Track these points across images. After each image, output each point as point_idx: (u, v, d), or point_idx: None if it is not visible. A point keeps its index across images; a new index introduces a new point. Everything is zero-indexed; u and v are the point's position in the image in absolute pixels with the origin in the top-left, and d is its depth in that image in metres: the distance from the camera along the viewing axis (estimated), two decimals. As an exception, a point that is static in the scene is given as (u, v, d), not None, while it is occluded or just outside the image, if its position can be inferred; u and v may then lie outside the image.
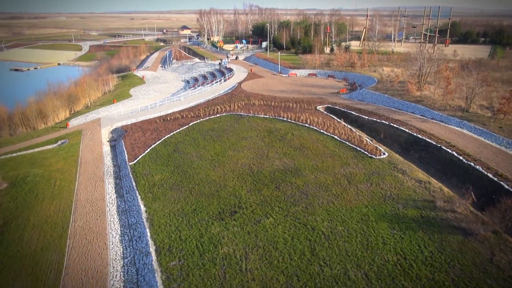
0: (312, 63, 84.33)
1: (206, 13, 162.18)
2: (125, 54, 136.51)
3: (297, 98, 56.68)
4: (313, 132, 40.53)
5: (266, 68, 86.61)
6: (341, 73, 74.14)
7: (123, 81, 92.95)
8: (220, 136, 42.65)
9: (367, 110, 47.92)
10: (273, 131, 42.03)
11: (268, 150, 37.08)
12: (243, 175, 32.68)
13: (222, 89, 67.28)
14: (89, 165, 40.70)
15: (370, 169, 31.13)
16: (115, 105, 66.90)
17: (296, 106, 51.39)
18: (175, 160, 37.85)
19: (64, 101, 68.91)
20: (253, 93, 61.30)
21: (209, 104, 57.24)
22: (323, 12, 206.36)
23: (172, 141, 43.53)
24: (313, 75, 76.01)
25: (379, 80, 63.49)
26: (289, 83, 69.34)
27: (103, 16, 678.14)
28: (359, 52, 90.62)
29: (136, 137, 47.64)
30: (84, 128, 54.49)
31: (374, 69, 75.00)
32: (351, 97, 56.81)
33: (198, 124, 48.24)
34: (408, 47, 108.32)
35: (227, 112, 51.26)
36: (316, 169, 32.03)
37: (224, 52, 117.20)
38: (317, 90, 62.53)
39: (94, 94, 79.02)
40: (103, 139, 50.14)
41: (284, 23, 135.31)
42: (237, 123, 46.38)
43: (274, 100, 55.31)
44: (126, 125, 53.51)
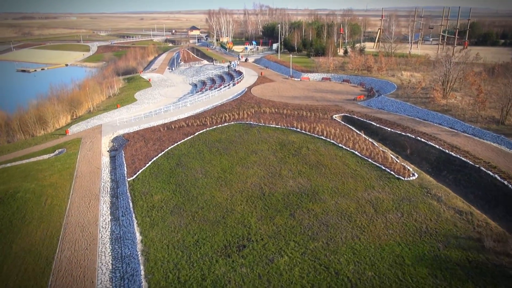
0: (326, 66, 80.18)
1: (215, 13, 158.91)
2: (133, 55, 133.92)
3: (311, 105, 52.69)
4: (331, 146, 36.54)
5: (277, 72, 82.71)
6: (357, 78, 69.88)
7: (129, 84, 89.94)
8: (227, 149, 38.92)
9: (389, 120, 43.72)
10: (286, 144, 38.15)
11: (280, 167, 33.22)
12: (252, 197, 28.88)
13: (231, 94, 63.60)
14: (85, 179, 37.34)
15: (399, 194, 27.06)
16: (118, 110, 63.76)
17: (310, 114, 47.41)
18: (178, 177, 34.23)
19: (65, 106, 65.96)
20: (264, 99, 57.47)
21: (216, 111, 53.59)
22: (334, 12, 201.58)
23: (175, 153, 39.95)
24: (327, 80, 71.91)
25: (399, 86, 59.12)
26: (302, 88, 65.35)
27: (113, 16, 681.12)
28: (375, 55, 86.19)
29: (138, 147, 44.21)
30: (84, 135, 51.30)
31: (392, 73, 70.58)
32: (369, 104, 52.62)
33: (204, 134, 44.61)
34: (426, 49, 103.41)
35: (236, 121, 47.52)
36: (336, 193, 28.07)
37: (234, 54, 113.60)
38: (332, 97, 58.44)
39: (98, 97, 76.09)
40: (103, 148, 46.84)
41: (295, 24, 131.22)
42: (246, 134, 42.61)
43: (286, 108, 51.41)
44: (128, 133, 50.19)
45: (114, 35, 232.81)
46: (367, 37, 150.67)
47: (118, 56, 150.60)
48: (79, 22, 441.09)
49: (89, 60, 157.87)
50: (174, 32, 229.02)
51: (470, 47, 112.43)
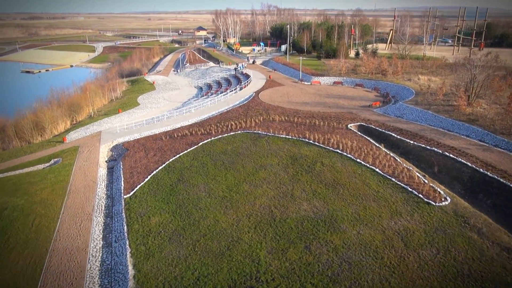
0: (337, 69, 76.48)
1: (222, 13, 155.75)
2: (138, 57, 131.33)
3: (324, 112, 49.10)
4: (348, 162, 32.96)
5: (286, 75, 79.17)
6: (371, 82, 66.09)
7: (132, 87, 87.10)
8: (233, 163, 35.54)
9: (410, 131, 39.98)
10: (298, 158, 34.65)
11: (293, 186, 29.74)
12: (261, 223, 25.45)
13: (238, 99, 60.25)
14: (78, 195, 34.25)
15: (431, 223, 23.44)
16: (120, 115, 60.80)
17: (323, 123, 43.84)
18: (179, 195, 30.93)
19: (65, 110, 63.19)
20: (273, 105, 54.00)
21: (222, 118, 50.25)
22: (344, 12, 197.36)
23: (177, 167, 36.67)
24: (339, 84, 68.21)
25: (417, 92, 55.26)
26: (313, 93, 61.76)
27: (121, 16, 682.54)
28: (389, 57, 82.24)
29: (137, 158, 41.04)
30: (82, 143, 48.32)
31: (408, 77, 66.69)
32: (386, 112, 48.89)
33: (208, 144, 41.29)
34: (441, 51, 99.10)
35: (243, 130, 44.14)
36: (358, 220, 24.52)
37: (241, 55, 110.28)
38: (345, 103, 54.78)
39: (99, 101, 73.31)
40: (101, 159, 43.73)
41: (304, 25, 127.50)
42: (254, 145, 39.19)
43: (297, 115, 47.90)
44: (128, 141, 47.10)
45: (120, 35, 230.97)
46: (377, 38, 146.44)
47: (123, 57, 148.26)
48: (86, 22, 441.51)
49: (95, 61, 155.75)
50: (180, 33, 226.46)
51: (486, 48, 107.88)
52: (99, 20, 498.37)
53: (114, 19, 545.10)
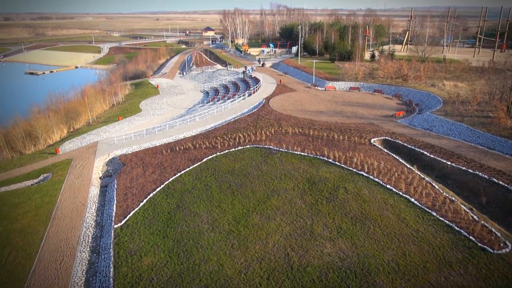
0: (353, 73, 71.35)
1: (230, 13, 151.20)
2: (143, 58, 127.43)
3: (342, 123, 44.13)
4: (376, 188, 28.03)
5: (298, 79, 74.25)
6: (391, 88, 60.89)
7: (135, 91, 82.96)
8: (241, 185, 30.83)
9: (444, 148, 34.84)
10: (317, 181, 29.80)
11: (312, 220, 24.91)
12: (276, 271, 20.69)
13: (246, 107, 55.54)
14: (64, 221, 29.86)
15: (493, 281, 18.45)
16: (120, 123, 56.55)
17: (343, 137, 38.89)
18: (177, 226, 26.31)
19: (62, 117, 59.12)
20: (285, 114, 49.16)
21: (229, 129, 45.60)
22: (355, 12, 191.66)
23: (177, 188, 32.09)
24: (355, 89, 63.09)
25: (445, 100, 49.98)
26: (328, 100, 56.78)
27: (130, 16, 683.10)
28: (408, 60, 76.92)
29: (134, 175, 36.57)
30: (76, 156, 44.07)
31: (431, 82, 61.35)
32: (412, 123, 43.76)
33: (213, 161, 36.65)
34: (460, 53, 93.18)
35: (252, 144, 39.39)
36: (397, 272, 19.62)
37: (250, 57, 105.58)
38: (365, 112, 49.74)
39: (100, 107, 69.23)
40: (94, 175, 39.36)
41: (316, 25, 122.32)
42: (265, 163, 34.43)
43: (312, 127, 43.01)
44: (126, 155, 42.71)
45: (127, 36, 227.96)
46: (391, 38, 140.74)
47: (129, 58, 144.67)
48: (94, 22, 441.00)
49: (100, 62, 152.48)
50: (188, 33, 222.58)
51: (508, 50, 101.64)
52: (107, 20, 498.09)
53: (122, 19, 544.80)
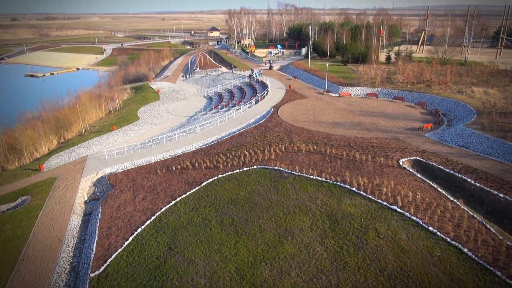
0: (368, 77, 65.57)
1: (236, 13, 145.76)
2: (145, 60, 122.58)
3: (363, 138, 38.48)
4: (415, 230, 22.41)
5: (309, 83, 68.61)
6: (412, 94, 55.03)
7: (135, 95, 78.01)
8: (247, 221, 25.42)
9: (489, 173, 29.07)
10: (339, 219, 24.27)
11: (338, 278, 19.40)
12: None
13: (252, 117, 50.13)
14: (34, 264, 24.72)
15: None
16: (114, 133, 51.58)
17: (366, 157, 33.27)
18: (166, 281, 20.96)
19: (51, 127, 54.23)
20: (296, 126, 43.62)
21: (233, 144, 40.20)
22: (366, 11, 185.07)
23: (170, 222, 26.79)
24: (373, 96, 57.30)
25: (478, 110, 44.08)
26: (344, 108, 51.11)
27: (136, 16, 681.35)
28: (429, 62, 70.97)
29: (122, 202, 31.38)
30: (61, 174, 39.08)
31: (457, 88, 55.37)
32: (443, 138, 37.98)
33: (214, 185, 31.30)
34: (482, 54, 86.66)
35: (259, 164, 33.95)
36: None
37: (256, 59, 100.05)
38: (386, 123, 44.03)
39: (95, 114, 64.29)
40: (78, 199, 34.22)
41: (326, 25, 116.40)
42: (275, 190, 28.98)
43: (328, 143, 37.44)
44: (116, 173, 37.61)
45: (131, 36, 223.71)
46: (403, 39, 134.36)
47: (132, 59, 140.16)
48: (100, 22, 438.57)
49: (102, 64, 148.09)
50: (193, 34, 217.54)
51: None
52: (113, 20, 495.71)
53: (128, 19, 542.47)
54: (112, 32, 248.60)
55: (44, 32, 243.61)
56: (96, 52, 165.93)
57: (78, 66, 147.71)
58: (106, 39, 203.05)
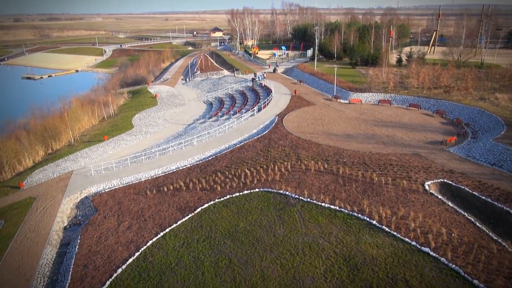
0: (379, 81, 61.06)
1: (239, 13, 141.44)
2: (145, 62, 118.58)
3: (379, 155, 34.02)
4: (456, 282, 17.97)
5: (315, 88, 64.15)
6: (429, 101, 50.47)
7: (131, 100, 73.98)
8: (247, 264, 21.10)
9: (535, 201, 24.54)
10: (359, 264, 19.88)
11: None
12: None
13: (255, 127, 45.80)
14: (-10, 315, 20.57)
15: None
16: (104, 144, 47.55)
17: (385, 178, 28.83)
18: None
19: (38, 137, 50.23)
20: (303, 139, 39.22)
21: (232, 160, 35.90)
22: (372, 11, 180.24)
23: (156, 263, 22.53)
24: (386, 103, 52.76)
25: (508, 121, 39.46)
26: (355, 117, 46.65)
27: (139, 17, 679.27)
28: (444, 64, 66.37)
29: (104, 231, 27.21)
30: (42, 193, 35.06)
31: (478, 94, 50.75)
32: (471, 154, 33.46)
33: (209, 213, 27.03)
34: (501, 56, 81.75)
35: (262, 187, 29.64)
36: None
37: (259, 61, 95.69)
38: (404, 135, 39.53)
39: (87, 121, 60.23)
40: (56, 225, 30.10)
41: (332, 25, 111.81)
42: (281, 222, 24.65)
43: (341, 160, 33.04)
44: (101, 194, 33.47)
45: (132, 37, 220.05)
46: (412, 39, 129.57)
47: (132, 61, 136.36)
48: (103, 23, 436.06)
49: (102, 66, 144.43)
50: (195, 34, 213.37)
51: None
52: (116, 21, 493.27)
53: (131, 19, 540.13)
54: (113, 33, 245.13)
55: (45, 33, 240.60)
56: (96, 54, 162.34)
57: (77, 68, 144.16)
58: (107, 40, 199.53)
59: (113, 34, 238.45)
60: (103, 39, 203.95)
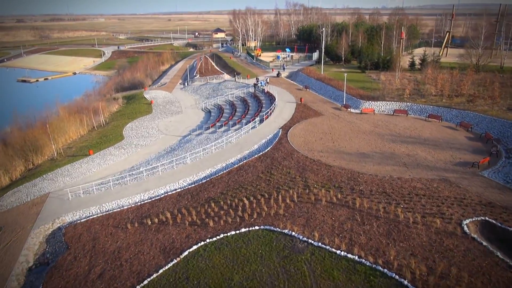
0: (393, 88, 55.84)
1: (241, 13, 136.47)
2: (144, 64, 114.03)
3: (401, 180, 28.86)
4: None
5: (322, 95, 59.00)
6: (451, 112, 45.25)
7: (125, 107, 69.24)
8: None
9: None
10: None
11: None
12: None
13: (256, 141, 40.79)
14: None
15: None
16: (89, 159, 42.87)
17: (412, 214, 23.69)
18: None
19: (16, 152, 45.56)
20: (311, 158, 34.14)
21: (229, 185, 30.92)
22: (379, 11, 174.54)
23: (127, 331, 17.56)
24: (402, 113, 47.55)
25: (547, 138, 34.20)
26: (369, 131, 41.50)
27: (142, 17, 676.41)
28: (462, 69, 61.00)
29: (71, 279, 22.52)
30: (10, 222, 30.53)
31: (506, 104, 45.46)
32: (509, 180, 28.26)
33: (198, 259, 22.08)
34: None
35: (263, 223, 24.64)
36: None
37: (262, 65, 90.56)
38: (427, 155, 34.35)
39: (75, 131, 55.43)
40: (17, 267, 25.31)
41: (339, 26, 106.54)
42: (286, 276, 19.65)
43: (356, 187, 27.94)
44: (76, 225, 28.69)
45: (133, 38, 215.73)
46: (422, 40, 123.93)
47: (131, 63, 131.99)
48: (105, 24, 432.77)
49: (100, 68, 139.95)
50: (197, 35, 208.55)
51: None
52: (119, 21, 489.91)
53: (134, 20, 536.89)
54: (115, 34, 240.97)
55: (45, 34, 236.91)
56: (95, 55, 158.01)
57: (75, 70, 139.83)
58: (107, 42, 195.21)
59: (113, 35, 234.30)
60: (103, 40, 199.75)
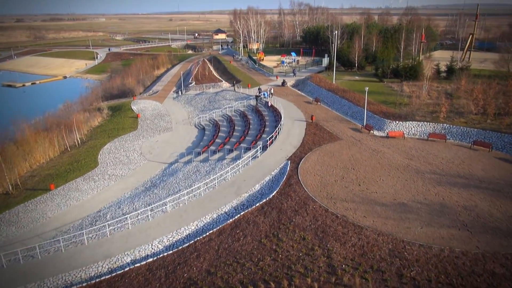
0: (421, 103, 46.71)
1: (242, 13, 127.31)
2: (137, 69, 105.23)
3: (469, 258, 19.72)
4: None
5: (336, 111, 49.82)
6: (503, 138, 35.99)
7: (108, 121, 60.32)
8: None
9: None
10: None
11: None
12: None
13: (257, 179, 31.63)
14: None
15: None
16: (48, 196, 34.16)
17: None
18: None
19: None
20: (333, 213, 24.98)
21: (219, 256, 21.84)
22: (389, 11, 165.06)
23: None
24: (438, 138, 38.25)
25: None
26: (402, 164, 32.27)
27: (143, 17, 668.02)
28: (502, 78, 51.94)
29: None
30: None
31: None
32: None
33: None
34: None
35: None
36: None
37: (266, 71, 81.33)
38: (490, 206, 25.15)
39: (43, 154, 46.56)
40: None
41: (349, 27, 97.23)
42: None
43: (406, 272, 18.79)
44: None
45: (130, 39, 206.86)
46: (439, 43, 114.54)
47: (126, 66, 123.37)
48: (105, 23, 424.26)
49: (92, 71, 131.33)
50: (196, 36, 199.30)
51: None
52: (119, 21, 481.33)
53: (135, 20, 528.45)
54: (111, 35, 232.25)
55: (40, 35, 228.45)
56: (88, 58, 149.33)
57: (66, 73, 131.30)
58: (103, 43, 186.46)
59: (110, 36, 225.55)
60: (99, 41, 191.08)
